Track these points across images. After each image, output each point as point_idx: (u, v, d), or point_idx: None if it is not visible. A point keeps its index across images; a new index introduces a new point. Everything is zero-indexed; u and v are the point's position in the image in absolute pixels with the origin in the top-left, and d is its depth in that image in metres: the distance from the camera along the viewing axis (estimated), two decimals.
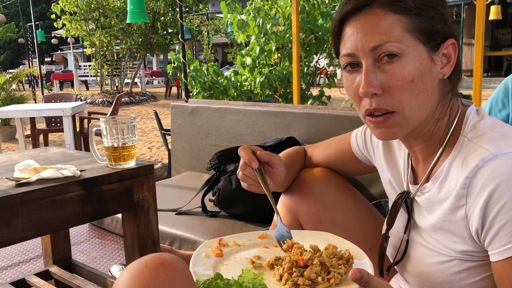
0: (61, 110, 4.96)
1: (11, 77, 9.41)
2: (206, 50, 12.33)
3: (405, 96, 0.80)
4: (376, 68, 0.80)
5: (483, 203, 0.75)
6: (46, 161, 1.42)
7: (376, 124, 0.83)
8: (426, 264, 0.87)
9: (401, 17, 0.79)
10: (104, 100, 13.69)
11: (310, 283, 0.75)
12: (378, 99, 0.81)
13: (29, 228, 1.12)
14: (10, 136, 7.93)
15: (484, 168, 0.76)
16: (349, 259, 0.81)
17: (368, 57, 0.80)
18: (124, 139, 1.30)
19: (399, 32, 0.78)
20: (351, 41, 0.82)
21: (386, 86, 0.79)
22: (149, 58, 24.30)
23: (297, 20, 2.92)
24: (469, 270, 0.81)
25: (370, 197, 1.95)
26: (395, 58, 0.79)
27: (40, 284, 1.61)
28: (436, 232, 0.86)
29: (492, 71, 15.12)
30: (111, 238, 2.27)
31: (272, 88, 5.53)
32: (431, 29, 0.81)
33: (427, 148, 0.89)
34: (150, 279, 0.75)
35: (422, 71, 0.80)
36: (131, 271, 0.77)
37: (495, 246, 0.75)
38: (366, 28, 0.80)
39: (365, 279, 0.69)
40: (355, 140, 1.16)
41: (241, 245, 0.97)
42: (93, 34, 13.70)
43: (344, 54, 0.84)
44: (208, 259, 0.90)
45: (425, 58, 0.81)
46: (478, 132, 0.81)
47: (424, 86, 0.80)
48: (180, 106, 2.87)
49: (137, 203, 1.33)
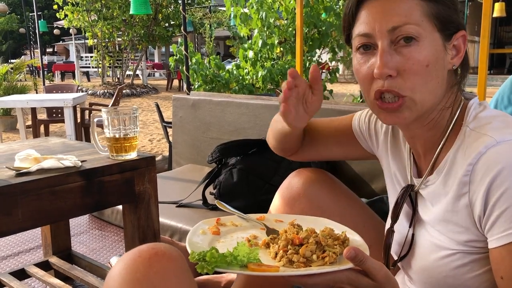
0: (63, 101, 4.94)
1: (12, 68, 9.39)
2: (208, 43, 12.28)
3: (418, 80, 0.80)
4: (392, 50, 0.80)
5: (485, 189, 0.74)
6: (46, 151, 1.41)
7: (386, 109, 0.83)
8: (430, 259, 0.86)
9: (421, 2, 0.79)
10: (105, 91, 13.67)
11: (304, 261, 0.75)
12: (391, 81, 0.80)
13: (28, 218, 1.11)
14: (11, 126, 7.92)
15: (486, 154, 0.75)
16: (345, 241, 0.81)
17: (385, 38, 0.80)
18: (125, 130, 1.29)
19: (419, 16, 0.79)
20: (369, 22, 0.81)
21: (401, 68, 0.79)
22: (150, 50, 24.25)
23: (301, 14, 2.90)
24: (473, 263, 0.81)
25: (372, 193, 1.95)
26: (412, 41, 0.79)
27: (39, 274, 1.61)
28: (440, 223, 0.85)
29: (494, 68, 15.07)
30: (111, 230, 2.26)
31: (274, 82, 5.51)
32: (447, 18, 0.81)
33: (429, 139, 0.89)
34: (144, 269, 0.75)
35: (437, 57, 0.80)
36: (124, 262, 0.77)
37: (494, 233, 0.74)
38: (386, 9, 0.79)
39: (360, 257, 0.69)
40: (358, 122, 1.13)
41: (239, 225, 0.98)
42: (95, 25, 13.65)
43: (359, 34, 0.83)
44: (205, 235, 0.90)
45: (439, 45, 0.81)
46: (480, 122, 0.81)
47: (436, 73, 0.81)
48: (182, 98, 2.85)
49: (138, 194, 1.32)
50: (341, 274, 0.70)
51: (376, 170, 1.99)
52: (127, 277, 0.75)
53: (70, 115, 4.96)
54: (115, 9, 13.51)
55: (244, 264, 0.74)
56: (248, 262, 0.75)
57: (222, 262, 0.73)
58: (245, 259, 0.75)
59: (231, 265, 0.74)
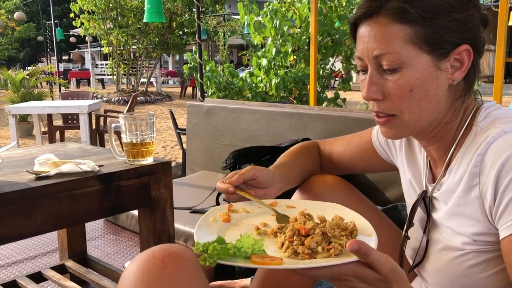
0: (78, 108, 5.01)
1: (28, 74, 9.55)
2: (222, 51, 12.37)
3: (404, 103, 0.83)
4: (379, 75, 0.84)
5: (494, 177, 0.75)
6: (64, 156, 1.43)
7: (380, 124, 0.89)
8: (444, 260, 0.87)
9: (405, 27, 0.79)
10: (120, 98, 13.82)
11: (309, 252, 0.74)
12: (379, 103, 0.86)
13: (47, 221, 1.13)
14: (27, 132, 8.05)
15: (494, 144, 0.76)
16: (352, 231, 0.79)
17: (372, 64, 0.84)
18: (142, 136, 1.31)
19: (400, 43, 0.80)
20: (360, 45, 0.86)
21: (386, 92, 0.84)
22: (165, 58, 24.47)
23: (316, 22, 2.92)
24: (486, 262, 0.81)
25: (386, 201, 1.94)
26: (395, 70, 0.82)
27: (56, 277, 1.63)
28: (452, 218, 0.85)
29: (510, 77, 14.91)
30: (125, 235, 2.28)
31: (287, 90, 5.53)
32: (438, 39, 0.80)
33: (441, 147, 0.91)
34: (158, 271, 0.75)
35: (423, 80, 0.81)
36: (138, 263, 0.77)
37: (504, 221, 0.74)
38: (371, 36, 0.83)
39: (364, 250, 0.67)
40: (377, 136, 1.16)
41: (250, 212, 0.97)
42: (110, 33, 13.84)
43: (355, 56, 0.89)
44: (215, 223, 0.90)
45: (428, 67, 0.81)
46: (491, 118, 0.83)
47: (425, 94, 0.82)
48: (196, 105, 2.88)
49: (153, 199, 1.34)
50: (345, 267, 0.70)
51: (390, 178, 1.99)
52: (141, 277, 0.75)
53: (86, 122, 5.02)
54: (130, 18, 13.70)
55: (248, 256, 0.73)
56: (252, 253, 0.73)
57: (225, 255, 0.72)
58: (250, 250, 0.74)
59: (235, 257, 0.73)
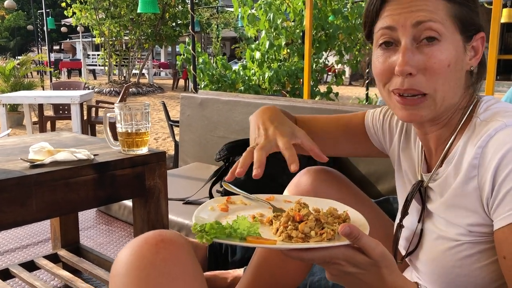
0: (70, 98, 4.98)
1: (19, 63, 9.45)
2: (215, 44, 12.32)
3: (439, 80, 0.80)
4: (415, 48, 0.80)
5: (493, 168, 0.75)
6: (59, 144, 1.43)
7: (405, 106, 0.83)
8: (438, 251, 0.88)
9: (446, 3, 0.81)
10: (111, 89, 13.73)
11: (303, 237, 0.76)
12: (412, 80, 0.81)
13: (42, 209, 1.13)
14: (17, 122, 7.98)
15: (495, 136, 0.77)
16: (345, 220, 0.81)
17: (409, 34, 0.80)
18: (137, 125, 1.31)
19: (443, 15, 0.80)
20: (394, 15, 0.82)
21: (423, 67, 0.80)
22: (157, 49, 24.32)
23: (311, 15, 2.92)
24: (480, 253, 0.82)
25: (378, 194, 1.96)
26: (434, 41, 0.80)
27: (48, 266, 1.63)
28: (448, 209, 0.86)
29: (501, 74, 15.03)
30: (118, 225, 2.28)
31: (280, 84, 5.53)
32: (469, 20, 0.83)
33: (441, 136, 0.90)
34: (151, 256, 0.75)
35: (457, 58, 0.82)
36: (131, 248, 0.77)
37: (499, 213, 0.75)
38: (412, 5, 0.80)
39: (355, 234, 0.68)
40: (371, 119, 1.14)
41: (248, 204, 0.99)
42: (102, 23, 13.71)
43: (383, 27, 0.83)
44: (213, 211, 0.91)
45: (460, 46, 0.82)
46: (491, 112, 0.83)
47: (456, 74, 0.82)
48: (190, 97, 2.88)
49: (148, 189, 1.34)
50: (337, 250, 0.70)
51: (382, 171, 2.01)
52: (134, 263, 0.76)
53: (77, 112, 4.99)
54: (123, 8, 13.57)
55: (243, 237, 0.75)
56: (247, 235, 0.75)
57: (221, 234, 0.74)
58: (245, 232, 0.75)
59: (231, 236, 0.74)
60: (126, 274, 0.76)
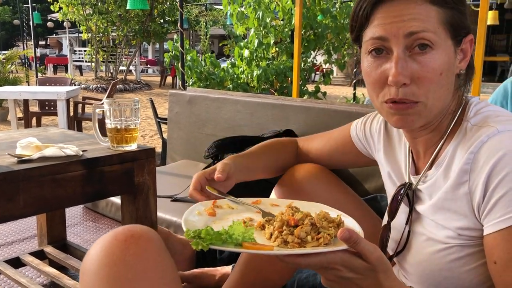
0: (56, 94, 4.93)
1: (4, 58, 9.32)
2: (204, 41, 12.28)
3: (431, 88, 0.80)
4: (407, 57, 0.80)
5: (486, 175, 0.75)
6: (46, 140, 1.41)
7: (397, 111, 0.83)
8: (427, 253, 0.88)
9: (438, 9, 0.80)
10: (98, 86, 13.61)
11: (299, 242, 0.75)
12: (405, 89, 0.80)
13: (30, 205, 1.12)
14: (1, 118, 7.88)
15: (488, 142, 0.77)
16: (339, 224, 0.81)
17: (401, 44, 0.79)
18: (127, 121, 1.30)
19: (435, 23, 0.79)
20: (386, 25, 0.80)
21: (416, 76, 0.79)
22: (144, 46, 24.14)
23: (300, 14, 2.93)
24: (468, 256, 0.82)
25: (365, 192, 1.98)
26: (427, 49, 0.79)
27: (34, 263, 1.62)
28: (437, 212, 0.86)
29: (485, 76, 15.20)
30: (105, 222, 2.27)
31: (268, 82, 5.54)
32: (460, 24, 0.82)
33: (430, 139, 0.91)
34: (120, 252, 0.75)
35: (449, 65, 0.82)
36: (100, 245, 0.77)
37: (491, 218, 0.75)
38: (404, 14, 0.79)
39: (354, 239, 0.68)
40: (355, 131, 1.17)
41: (235, 208, 0.98)
42: (90, 19, 13.57)
43: (374, 37, 0.82)
44: (201, 216, 0.91)
45: (451, 52, 0.82)
46: (482, 117, 0.83)
47: (447, 80, 0.82)
48: (178, 94, 2.87)
49: (137, 185, 1.34)
50: (334, 255, 0.70)
51: (369, 169, 2.02)
52: (104, 260, 0.75)
53: (63, 108, 4.95)
54: (111, 4, 13.45)
55: (239, 243, 0.74)
56: (242, 241, 0.75)
57: (217, 240, 0.73)
58: (240, 238, 0.75)
59: (226, 243, 0.74)
60: (96, 271, 0.75)
